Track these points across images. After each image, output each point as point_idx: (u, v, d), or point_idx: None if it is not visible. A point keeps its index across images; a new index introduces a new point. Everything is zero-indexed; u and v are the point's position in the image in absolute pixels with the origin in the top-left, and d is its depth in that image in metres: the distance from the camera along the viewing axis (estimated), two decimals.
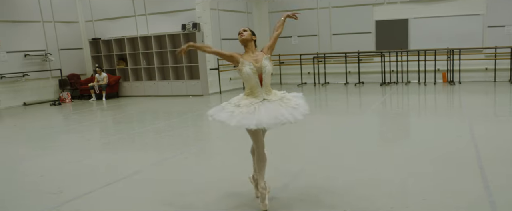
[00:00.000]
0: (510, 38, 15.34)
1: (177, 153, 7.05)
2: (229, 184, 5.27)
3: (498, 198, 4.30)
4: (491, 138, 6.97)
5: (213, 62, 15.73)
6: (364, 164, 5.86)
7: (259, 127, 4.18)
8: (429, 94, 13.16)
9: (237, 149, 7.09)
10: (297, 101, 4.46)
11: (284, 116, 4.24)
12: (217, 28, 16.03)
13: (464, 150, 6.25)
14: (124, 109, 13.45)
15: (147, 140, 8.49)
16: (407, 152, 6.38)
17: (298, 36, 18.11)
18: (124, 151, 7.59)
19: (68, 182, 5.78)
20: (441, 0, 16.12)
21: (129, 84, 16.64)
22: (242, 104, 4.34)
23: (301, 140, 7.61)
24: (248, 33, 4.55)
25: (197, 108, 12.88)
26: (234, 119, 4.22)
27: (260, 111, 4.23)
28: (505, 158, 5.73)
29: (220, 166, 6.19)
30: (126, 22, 16.55)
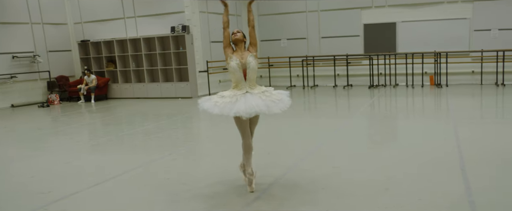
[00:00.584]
0: (496, 42, 15.56)
1: (165, 154, 7.08)
2: (218, 184, 5.31)
3: (478, 198, 4.39)
4: (475, 140, 7.08)
5: (202, 65, 15.76)
6: (355, 165, 5.92)
7: (236, 115, 4.65)
8: (417, 97, 13.30)
9: (226, 150, 7.14)
10: (280, 96, 4.87)
11: (259, 107, 4.66)
12: (206, 30, 16.07)
13: (449, 152, 6.34)
14: (113, 111, 13.43)
15: (136, 141, 8.50)
16: (395, 154, 6.47)
17: (287, 39, 18.22)
18: (112, 153, 7.60)
19: (57, 182, 5.78)
20: (428, 4, 16.31)
21: (118, 86, 16.62)
22: (226, 95, 4.81)
23: (291, 142, 7.67)
24: (241, 34, 5.04)
25: (186, 110, 12.91)
26: (217, 108, 4.70)
27: (240, 101, 4.68)
28: (488, 160, 5.82)
29: (209, 166, 6.23)
30: (115, 24, 16.53)
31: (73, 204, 4.92)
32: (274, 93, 4.90)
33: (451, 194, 4.57)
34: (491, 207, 4.22)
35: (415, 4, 16.43)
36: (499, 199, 4.40)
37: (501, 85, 14.93)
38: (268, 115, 4.92)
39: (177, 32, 15.23)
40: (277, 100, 4.81)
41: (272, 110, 4.74)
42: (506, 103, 11.73)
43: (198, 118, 11.89)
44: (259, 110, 4.69)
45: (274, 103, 4.77)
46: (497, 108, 11.24)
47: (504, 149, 6.36)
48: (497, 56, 15.13)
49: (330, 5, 17.49)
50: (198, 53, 15.65)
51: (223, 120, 10.85)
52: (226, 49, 5.02)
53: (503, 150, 6.33)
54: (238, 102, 4.69)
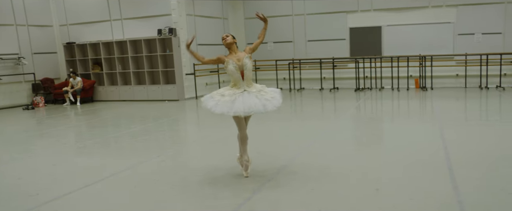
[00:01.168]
0: (479, 46, 15.79)
1: (153, 156, 7.07)
2: (207, 184, 5.33)
3: (466, 198, 4.46)
4: (461, 142, 7.19)
5: (189, 67, 15.75)
6: (344, 166, 5.98)
7: (235, 114, 5.18)
8: (403, 100, 13.44)
9: (214, 151, 7.16)
10: (273, 95, 5.38)
11: (256, 106, 5.19)
12: (193, 33, 16.06)
13: (435, 153, 6.43)
14: (99, 113, 13.35)
15: (123, 144, 8.47)
16: (382, 155, 6.54)
17: (274, 42, 18.27)
18: (100, 155, 7.56)
19: (46, 184, 5.74)
20: (413, 9, 16.50)
21: (104, 89, 16.52)
22: (226, 94, 5.28)
23: (281, 144, 7.70)
24: (230, 37, 5.48)
25: (173, 113, 12.89)
26: (218, 107, 5.19)
27: (238, 101, 5.18)
28: (474, 161, 5.92)
29: (198, 168, 6.22)
30: (101, 26, 16.45)
31: (65, 205, 4.90)
32: (268, 92, 5.40)
33: (440, 194, 4.63)
34: (479, 207, 4.29)
35: (400, 8, 16.61)
36: (486, 199, 4.48)
37: (485, 88, 15.15)
38: (258, 117, 5.37)
39: (164, 34, 15.20)
40: (271, 98, 5.30)
41: (267, 108, 5.23)
42: (490, 106, 11.91)
43: (184, 121, 11.90)
44: (256, 110, 5.20)
45: (269, 101, 5.27)
46: (482, 110, 11.40)
47: (489, 151, 6.46)
48: (480, 59, 15.35)
49: (316, 9, 17.59)
50: (185, 56, 15.63)
51: (210, 122, 10.92)
52: (220, 59, 5.42)
53: (488, 151, 6.43)
54: (236, 102, 5.18)
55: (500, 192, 4.65)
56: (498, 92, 14.13)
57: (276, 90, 5.50)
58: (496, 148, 6.69)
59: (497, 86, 15.33)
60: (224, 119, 11.37)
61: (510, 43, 15.64)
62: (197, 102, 14.87)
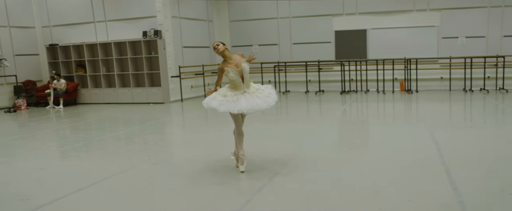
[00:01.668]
0: (463, 49, 15.98)
1: (144, 159, 6.94)
2: (204, 187, 5.24)
3: (467, 199, 4.45)
4: (453, 144, 7.22)
5: (174, 70, 15.61)
6: (338, 169, 5.94)
7: (239, 112, 5.61)
8: (390, 103, 13.49)
9: (206, 154, 7.05)
10: (269, 91, 5.86)
11: (259, 105, 5.65)
12: (178, 35, 15.95)
13: (428, 155, 6.44)
14: (83, 116, 13.12)
15: (112, 147, 8.29)
16: (376, 158, 6.52)
17: (259, 45, 18.23)
18: (89, 158, 7.40)
19: (36, 189, 5.58)
20: (397, 12, 16.63)
21: (87, 91, 16.28)
22: (228, 95, 5.68)
23: (272, 147, 7.63)
24: (221, 46, 5.79)
25: (159, 115, 12.73)
26: (222, 106, 5.60)
27: (241, 100, 5.60)
28: (468, 162, 5.94)
29: (192, 170, 6.12)
30: (85, 28, 16.20)
31: (61, 210, 4.77)
32: (264, 89, 5.87)
33: (440, 195, 4.61)
34: (480, 207, 4.28)
35: (385, 12, 16.72)
36: (487, 200, 4.48)
37: (469, 91, 15.32)
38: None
39: (149, 36, 15.04)
40: (268, 94, 5.79)
41: (270, 104, 5.72)
42: (476, 109, 12.02)
43: (172, 124, 11.77)
44: (259, 108, 5.67)
45: (268, 98, 5.75)
46: (469, 113, 11.51)
47: (484, 153, 6.50)
48: (464, 62, 15.53)
49: (301, 12, 17.62)
50: (170, 58, 15.50)
51: (197, 125, 10.81)
52: (221, 71, 5.83)
53: (483, 153, 6.46)
54: (239, 101, 5.59)
55: (500, 192, 4.65)
56: (482, 94, 14.29)
57: (269, 86, 6.01)
58: (490, 150, 6.73)
59: (481, 88, 15.51)
60: (211, 121, 11.34)
61: (493, 47, 15.88)
62: (182, 105, 14.74)
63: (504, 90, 15.09)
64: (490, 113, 11.20)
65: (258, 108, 5.66)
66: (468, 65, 15.51)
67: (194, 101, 15.62)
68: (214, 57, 18.12)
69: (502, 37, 15.82)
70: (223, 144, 7.59)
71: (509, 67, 15.45)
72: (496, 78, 15.55)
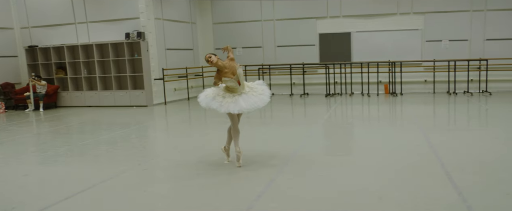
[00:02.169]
0: (446, 52, 16.09)
1: (134, 164, 6.71)
2: (201, 191, 5.06)
3: (474, 203, 4.37)
4: (449, 147, 7.15)
5: (157, 72, 15.35)
6: (338, 174, 5.82)
7: (239, 112, 5.93)
8: (376, 105, 13.47)
9: (197, 158, 6.86)
10: (262, 87, 6.18)
11: (256, 103, 5.97)
12: (161, 37, 15.69)
13: (427, 158, 6.36)
14: (65, 120, 12.77)
15: (98, 152, 8.02)
16: (373, 162, 6.41)
17: (243, 47, 18.07)
18: (75, 164, 7.12)
19: (21, 197, 5.32)
20: (381, 15, 16.66)
21: (68, 94, 15.89)
22: (227, 96, 5.97)
23: (266, 152, 7.47)
24: (214, 57, 6.07)
25: (143, 119, 12.47)
26: (223, 107, 5.93)
27: (239, 101, 5.91)
28: (469, 166, 5.87)
29: (186, 176, 5.93)
30: (65, 29, 15.82)
31: None
32: (258, 87, 6.16)
33: (446, 200, 4.52)
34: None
35: (369, 15, 16.74)
36: (494, 204, 4.42)
37: (453, 93, 15.40)
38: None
39: (132, 38, 14.76)
40: (262, 92, 6.11)
41: (266, 101, 6.05)
42: (464, 111, 12.04)
43: (157, 127, 11.53)
44: (257, 106, 6.00)
45: (263, 95, 6.07)
46: (458, 116, 11.53)
47: (481, 155, 6.45)
48: (448, 65, 15.61)
49: (285, 15, 17.53)
50: (154, 60, 15.23)
51: (183, 129, 10.55)
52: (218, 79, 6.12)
53: (481, 156, 6.41)
54: (238, 102, 5.91)
55: (506, 196, 4.58)
56: (466, 97, 14.38)
57: (260, 82, 6.35)
58: (487, 152, 6.69)
59: (464, 91, 15.62)
60: (195, 125, 11.14)
61: (476, 50, 16.01)
62: (166, 108, 14.49)
63: (487, 93, 15.21)
64: (478, 115, 11.25)
65: (257, 107, 5.98)
66: (451, 68, 15.61)
67: (178, 104, 15.38)
68: (197, 60, 17.90)
69: (485, 41, 15.96)
70: (212, 147, 7.42)
71: (492, 70, 15.59)
72: (479, 81, 15.69)
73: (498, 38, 15.89)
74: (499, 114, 10.98)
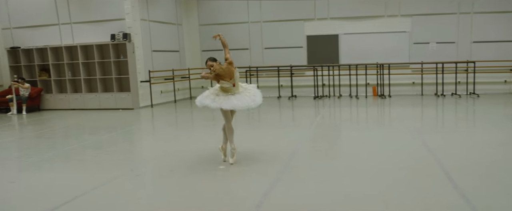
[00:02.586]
0: (434, 55, 16.11)
1: (126, 171, 6.47)
2: (199, 198, 4.87)
3: (479, 205, 4.28)
4: (446, 149, 7.06)
5: (144, 74, 15.08)
6: (339, 179, 5.67)
7: (232, 108, 6.18)
8: (366, 108, 13.39)
9: (189, 164, 6.66)
10: (254, 91, 6.42)
11: (248, 103, 6.19)
12: (148, 39, 15.43)
13: (425, 161, 6.26)
14: (49, 124, 12.43)
15: (86, 157, 7.76)
16: (372, 166, 6.28)
17: (230, 49, 17.81)
18: (64, 170, 6.83)
19: (8, 206, 5.05)
20: (369, 18, 16.63)
21: (52, 97, 15.52)
22: (220, 95, 6.25)
23: (262, 156, 7.30)
24: (215, 65, 6.26)
25: (130, 122, 12.21)
26: (215, 103, 6.17)
27: (232, 99, 6.17)
28: (469, 168, 5.78)
29: (181, 183, 5.73)
30: (49, 30, 15.47)
31: None
32: (251, 89, 6.42)
33: (452, 205, 4.40)
34: None
35: (357, 17, 16.70)
36: (501, 205, 4.34)
37: (441, 95, 15.41)
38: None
39: (117, 40, 14.47)
40: (255, 94, 6.34)
41: (258, 103, 6.27)
42: (455, 113, 12.02)
43: (145, 131, 11.29)
44: (248, 105, 6.20)
45: (256, 97, 6.31)
46: (449, 118, 11.50)
47: (476, 156, 6.37)
48: (436, 68, 15.63)
49: (272, 17, 17.40)
50: (140, 62, 14.96)
51: (173, 133, 10.28)
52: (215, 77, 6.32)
53: (476, 157, 6.33)
54: (232, 99, 6.16)
55: (508, 197, 4.50)
56: (454, 99, 14.40)
57: (254, 86, 6.59)
58: (484, 154, 6.62)
59: (452, 93, 15.65)
60: (183, 128, 10.92)
61: (463, 52, 16.07)
62: (152, 111, 14.24)
63: (475, 94, 15.26)
64: (470, 117, 11.24)
65: (248, 106, 6.21)
66: (439, 70, 15.63)
67: (165, 107, 15.13)
68: (183, 62, 17.68)
69: (472, 43, 16.03)
70: (202, 150, 7.24)
71: (479, 72, 15.65)
72: (467, 83, 15.74)
73: (485, 40, 15.97)
74: (491, 116, 10.97)
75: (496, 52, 15.85)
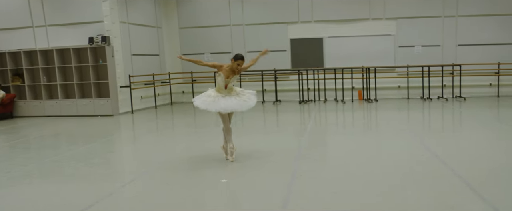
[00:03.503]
0: (419, 58, 15.97)
1: (119, 185, 5.92)
2: None
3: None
4: (455, 155, 6.74)
5: (123, 79, 14.46)
6: (351, 189, 5.27)
7: (217, 111, 6.50)
8: (355, 112, 13.09)
9: (187, 175, 6.17)
10: (249, 96, 6.74)
11: (234, 106, 6.54)
12: (127, 42, 14.82)
13: (437, 167, 5.92)
14: (24, 132, 11.71)
15: (72, 170, 7.07)
16: (383, 174, 5.89)
17: (211, 53, 17.40)
18: (49, 186, 6.17)
19: None
20: (353, 21, 16.39)
21: (26, 103, 14.72)
22: (212, 95, 6.61)
23: (263, 162, 6.85)
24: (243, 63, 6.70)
25: (112, 130, 11.62)
26: (203, 104, 6.51)
27: (220, 101, 6.50)
28: (485, 174, 5.46)
29: (185, 197, 5.24)
30: (22, 33, 14.70)
31: None
32: (246, 94, 6.75)
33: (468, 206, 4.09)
34: None
35: (341, 20, 16.44)
36: None
37: (427, 99, 15.24)
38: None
39: (96, 43, 13.83)
40: (247, 99, 6.68)
41: (243, 108, 6.60)
42: (445, 117, 11.81)
43: (129, 140, 10.71)
44: (233, 109, 6.58)
45: (245, 102, 6.63)
46: (444, 121, 11.26)
47: (488, 162, 6.07)
48: (422, 71, 15.47)
49: (255, 19, 17.00)
50: (119, 67, 14.35)
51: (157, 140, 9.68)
52: (214, 66, 6.79)
53: (488, 163, 6.03)
54: (218, 102, 6.49)
55: None
56: (441, 102, 14.24)
57: (252, 92, 6.86)
58: (496, 159, 6.33)
59: (438, 97, 15.51)
60: (168, 135, 10.39)
61: (448, 55, 15.97)
62: (133, 117, 13.64)
63: (462, 98, 15.15)
64: (463, 120, 11.02)
65: (235, 109, 6.55)
66: (425, 73, 15.46)
67: (145, 113, 14.55)
68: (164, 66, 17.11)
69: (457, 46, 15.94)
70: (197, 159, 6.76)
71: (465, 76, 15.56)
72: (453, 86, 15.63)
73: (470, 43, 15.90)
74: (482, 119, 10.78)
75: (481, 55, 15.80)
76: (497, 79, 15.79)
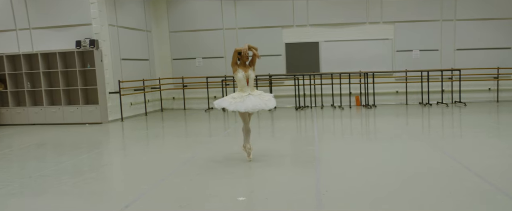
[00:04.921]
0: (417, 62, 15.59)
1: (121, 206, 5.28)
2: None
3: None
4: (478, 162, 6.24)
5: (113, 85, 13.77)
6: (378, 201, 4.72)
7: (246, 110, 6.66)
8: (355, 118, 12.59)
9: (191, 188, 5.57)
10: (269, 97, 6.99)
11: (260, 105, 6.73)
12: (116, 46, 14.15)
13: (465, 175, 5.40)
14: (7, 142, 10.95)
15: (64, 186, 6.30)
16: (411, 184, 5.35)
17: (203, 58, 16.81)
18: (41, 204, 5.55)
19: None
20: (350, 25, 15.97)
21: (8, 111, 13.93)
22: (236, 96, 6.78)
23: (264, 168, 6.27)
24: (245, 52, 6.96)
25: (102, 139, 10.92)
26: (232, 106, 6.65)
27: (246, 101, 6.69)
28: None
29: None
30: (4, 36, 13.95)
31: None
32: (266, 95, 6.99)
33: None
34: None
35: (337, 24, 16.00)
36: None
37: (427, 104, 14.84)
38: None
39: (84, 47, 13.13)
40: (268, 99, 6.89)
41: (269, 106, 6.82)
42: (451, 122, 11.38)
43: (123, 150, 9.99)
44: (260, 108, 6.72)
45: (269, 101, 6.87)
46: (453, 126, 10.81)
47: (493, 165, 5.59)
48: (421, 76, 15.08)
49: (248, 23, 16.46)
50: (108, 72, 13.66)
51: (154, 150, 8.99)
52: (234, 66, 7.02)
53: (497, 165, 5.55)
54: (246, 101, 6.67)
55: None
56: (441, 108, 13.85)
57: (271, 94, 7.12)
58: None
59: (438, 102, 15.13)
60: (164, 144, 9.74)
61: (446, 60, 15.62)
62: (123, 125, 12.96)
63: (462, 103, 14.79)
64: (476, 126, 10.56)
65: (261, 108, 6.72)
66: (424, 78, 15.08)
67: (135, 120, 13.88)
68: (153, 71, 16.46)
69: (455, 51, 15.60)
70: (199, 170, 6.15)
71: (464, 81, 15.21)
72: (452, 91, 15.27)
73: (468, 48, 15.58)
74: (493, 125, 10.35)
75: (479, 59, 15.49)
76: (497, 84, 15.47)
